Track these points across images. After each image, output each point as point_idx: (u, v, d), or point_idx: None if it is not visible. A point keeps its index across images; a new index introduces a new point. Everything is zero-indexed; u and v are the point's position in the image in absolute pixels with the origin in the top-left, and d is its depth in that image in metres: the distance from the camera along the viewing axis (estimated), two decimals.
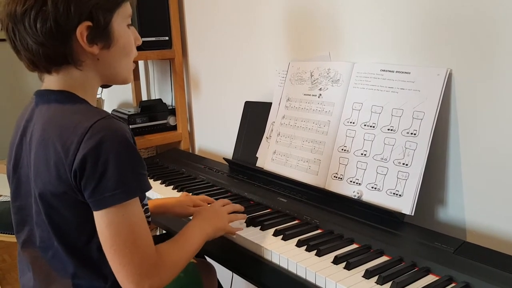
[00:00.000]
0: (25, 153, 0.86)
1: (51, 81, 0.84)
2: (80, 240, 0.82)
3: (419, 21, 1.11)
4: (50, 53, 0.79)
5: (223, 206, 1.09)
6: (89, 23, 0.79)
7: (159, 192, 1.36)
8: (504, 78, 0.97)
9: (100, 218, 0.77)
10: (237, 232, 1.04)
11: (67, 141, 0.76)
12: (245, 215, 1.10)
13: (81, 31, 0.78)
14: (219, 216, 1.04)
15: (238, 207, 1.12)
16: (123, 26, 0.86)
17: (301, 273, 0.89)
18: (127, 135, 0.78)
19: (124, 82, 0.91)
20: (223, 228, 1.02)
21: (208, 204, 1.17)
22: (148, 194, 1.38)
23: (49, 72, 0.83)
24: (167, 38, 1.86)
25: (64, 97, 0.83)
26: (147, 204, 0.91)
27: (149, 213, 0.92)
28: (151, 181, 1.48)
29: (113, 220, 0.76)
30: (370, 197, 1.11)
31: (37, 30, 0.76)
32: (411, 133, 1.07)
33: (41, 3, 0.76)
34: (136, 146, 0.81)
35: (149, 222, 0.85)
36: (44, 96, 0.85)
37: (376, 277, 0.83)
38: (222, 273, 1.43)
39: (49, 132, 0.80)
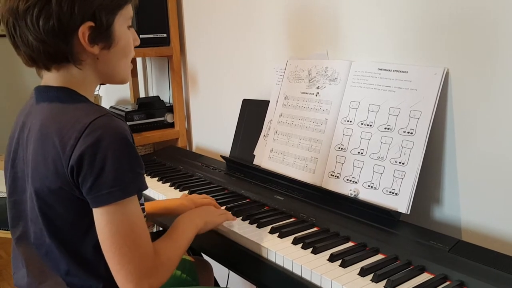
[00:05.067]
0: (22, 148, 0.86)
1: (51, 78, 0.84)
2: (75, 237, 0.82)
3: (417, 21, 1.11)
4: (51, 51, 0.79)
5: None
6: (92, 24, 0.79)
7: (157, 190, 1.36)
8: (500, 78, 0.98)
9: (100, 216, 0.77)
10: (233, 230, 1.04)
11: (65, 136, 0.76)
12: (235, 218, 1.10)
13: (84, 31, 0.79)
14: (209, 211, 1.06)
15: (232, 218, 1.10)
16: (124, 28, 0.86)
17: (297, 271, 0.89)
18: (126, 134, 0.78)
19: (122, 82, 0.91)
20: (213, 221, 1.03)
21: None
22: (145, 191, 1.39)
23: (48, 69, 0.83)
24: (165, 35, 1.86)
25: (64, 93, 0.83)
26: (143, 204, 0.91)
27: (145, 213, 0.92)
28: (148, 178, 1.48)
29: (113, 218, 0.76)
30: (366, 195, 1.12)
31: (39, 27, 0.76)
32: (408, 132, 1.07)
33: (45, 1, 0.75)
34: (135, 145, 0.80)
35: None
36: (44, 92, 0.84)
37: (371, 275, 0.84)
38: (219, 270, 1.43)
39: (48, 127, 0.80)
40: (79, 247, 0.82)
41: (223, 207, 1.15)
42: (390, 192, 1.08)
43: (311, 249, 0.94)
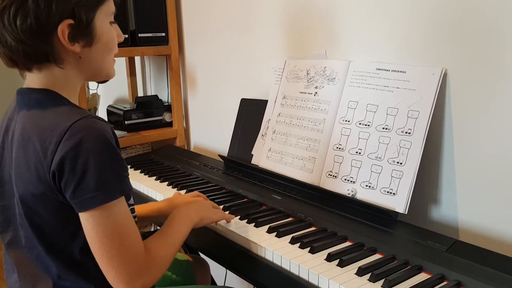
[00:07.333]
0: (7, 152, 0.84)
1: (33, 79, 0.82)
2: (62, 241, 0.81)
3: (415, 21, 1.11)
4: (30, 51, 0.77)
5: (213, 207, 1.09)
6: (71, 21, 0.77)
7: (154, 189, 1.36)
8: (498, 79, 0.98)
9: (86, 220, 0.76)
10: (231, 229, 1.04)
11: (46, 141, 0.75)
12: (233, 216, 1.10)
13: (63, 29, 0.76)
14: (205, 206, 1.04)
15: (229, 216, 1.09)
16: (106, 24, 0.84)
17: (294, 270, 0.89)
18: (107, 136, 0.76)
19: (107, 78, 0.90)
20: (209, 216, 1.02)
21: None
22: (143, 190, 1.39)
23: (29, 69, 0.81)
24: (163, 34, 1.86)
25: (45, 96, 0.81)
26: (132, 204, 0.90)
27: (135, 213, 0.91)
28: (145, 177, 1.48)
29: (99, 222, 0.75)
30: (364, 195, 1.12)
31: (17, 27, 0.74)
32: (406, 132, 1.07)
33: (21, 0, 0.74)
34: (118, 147, 0.79)
35: (135, 222, 0.85)
36: (25, 95, 0.83)
37: (369, 275, 0.84)
38: (216, 269, 1.43)
39: (29, 132, 0.78)
40: (67, 250, 0.81)
41: (221, 207, 1.14)
42: (387, 192, 1.08)
43: (308, 248, 0.94)
